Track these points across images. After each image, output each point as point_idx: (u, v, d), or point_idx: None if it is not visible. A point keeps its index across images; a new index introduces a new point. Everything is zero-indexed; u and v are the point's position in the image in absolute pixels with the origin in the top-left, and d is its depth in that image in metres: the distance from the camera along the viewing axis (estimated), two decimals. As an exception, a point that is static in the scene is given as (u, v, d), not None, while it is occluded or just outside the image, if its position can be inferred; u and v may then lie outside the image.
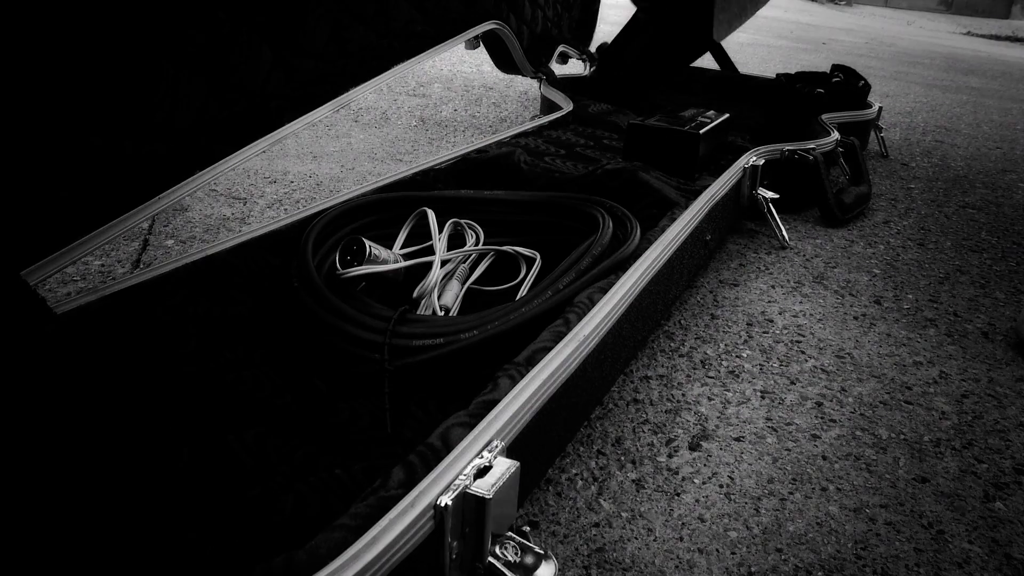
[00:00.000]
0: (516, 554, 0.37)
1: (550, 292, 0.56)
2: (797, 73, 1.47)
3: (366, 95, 1.67)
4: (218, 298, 0.59)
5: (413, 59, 0.93)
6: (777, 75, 1.47)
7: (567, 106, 1.28)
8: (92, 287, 0.57)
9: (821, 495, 0.57)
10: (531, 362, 0.46)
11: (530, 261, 0.71)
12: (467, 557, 0.36)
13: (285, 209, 1.04)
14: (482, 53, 1.43)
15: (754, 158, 0.97)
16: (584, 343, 0.50)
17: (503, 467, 0.36)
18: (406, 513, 0.33)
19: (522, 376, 0.44)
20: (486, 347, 0.52)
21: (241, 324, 0.57)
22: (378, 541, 0.31)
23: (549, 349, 0.48)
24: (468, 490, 0.35)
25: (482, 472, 0.36)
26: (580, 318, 0.52)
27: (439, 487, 0.35)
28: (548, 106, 1.41)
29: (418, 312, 0.62)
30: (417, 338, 0.53)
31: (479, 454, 0.37)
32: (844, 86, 1.40)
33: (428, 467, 0.36)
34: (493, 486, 0.35)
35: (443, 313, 0.63)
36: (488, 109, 1.69)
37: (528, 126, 1.17)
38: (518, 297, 0.62)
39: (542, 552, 0.37)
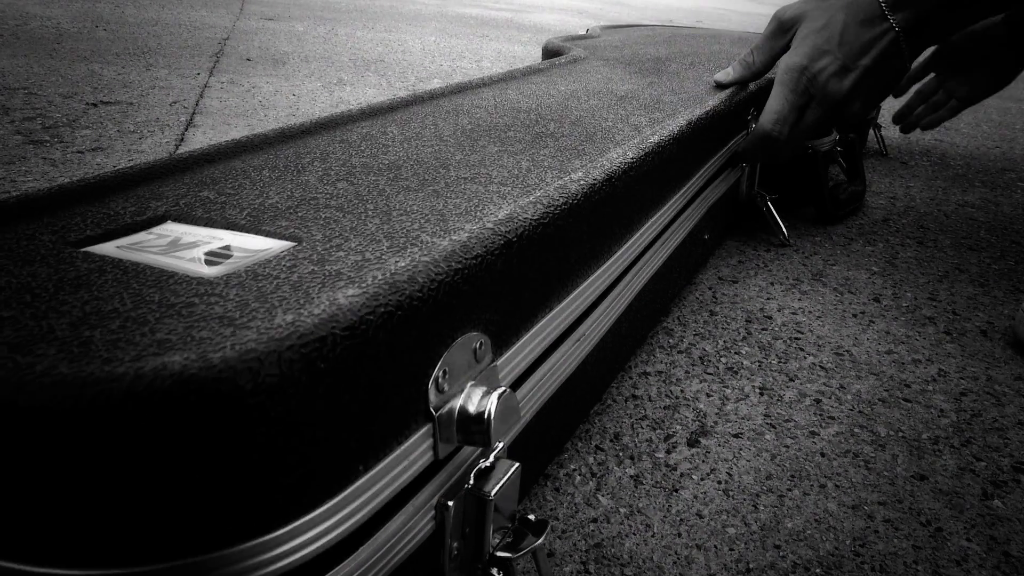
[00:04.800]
0: (508, 536, 0.37)
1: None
2: None
3: (364, 90, 1.67)
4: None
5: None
6: None
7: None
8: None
9: (819, 492, 0.57)
10: (531, 360, 0.46)
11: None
12: (467, 557, 0.36)
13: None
14: (481, 49, 1.42)
15: (753, 155, 0.97)
16: (583, 341, 0.50)
17: (505, 468, 0.36)
18: (408, 513, 0.33)
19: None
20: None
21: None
22: (380, 541, 0.31)
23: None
24: (470, 491, 0.35)
25: (483, 473, 0.36)
26: (580, 316, 0.52)
27: (441, 488, 0.35)
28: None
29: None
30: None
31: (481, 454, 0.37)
32: None
33: (430, 467, 0.36)
34: (495, 487, 0.35)
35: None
36: (487, 104, 1.68)
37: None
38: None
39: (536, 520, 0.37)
